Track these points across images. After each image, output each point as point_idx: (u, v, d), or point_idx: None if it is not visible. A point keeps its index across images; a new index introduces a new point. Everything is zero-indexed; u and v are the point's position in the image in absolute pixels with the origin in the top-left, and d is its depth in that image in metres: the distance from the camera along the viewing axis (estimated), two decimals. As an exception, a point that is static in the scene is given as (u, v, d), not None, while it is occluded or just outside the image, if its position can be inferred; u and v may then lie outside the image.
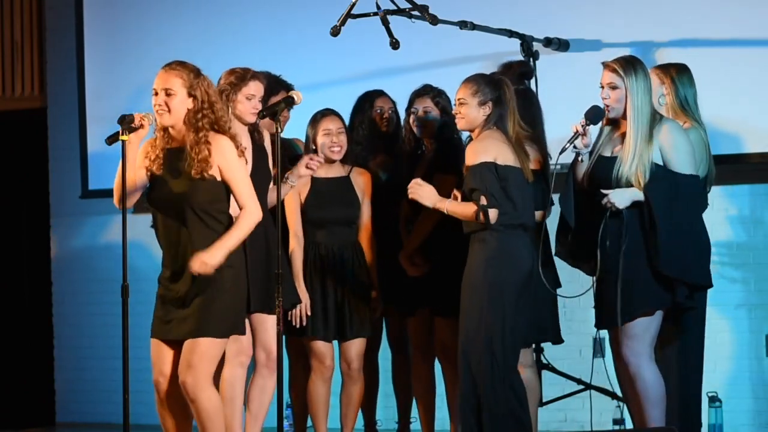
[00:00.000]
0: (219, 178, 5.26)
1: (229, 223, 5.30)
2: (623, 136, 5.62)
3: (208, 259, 5.14)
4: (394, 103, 6.62)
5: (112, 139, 5.27)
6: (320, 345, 6.19)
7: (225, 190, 5.30)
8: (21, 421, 8.62)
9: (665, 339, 5.74)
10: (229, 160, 5.26)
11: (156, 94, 5.28)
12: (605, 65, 5.65)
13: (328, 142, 6.20)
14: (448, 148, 6.18)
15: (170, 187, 5.25)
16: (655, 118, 5.59)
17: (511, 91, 5.70)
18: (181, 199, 5.23)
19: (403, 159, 6.38)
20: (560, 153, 5.68)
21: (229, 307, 5.25)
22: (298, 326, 6.12)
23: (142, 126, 5.25)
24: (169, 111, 5.24)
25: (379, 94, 6.63)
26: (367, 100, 6.59)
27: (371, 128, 6.54)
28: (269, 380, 5.73)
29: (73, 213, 8.73)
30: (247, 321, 5.57)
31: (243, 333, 5.41)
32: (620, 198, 5.54)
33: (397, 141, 6.52)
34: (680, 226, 5.54)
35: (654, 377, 5.58)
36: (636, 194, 5.52)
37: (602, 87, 5.65)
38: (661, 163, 5.54)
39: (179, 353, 5.26)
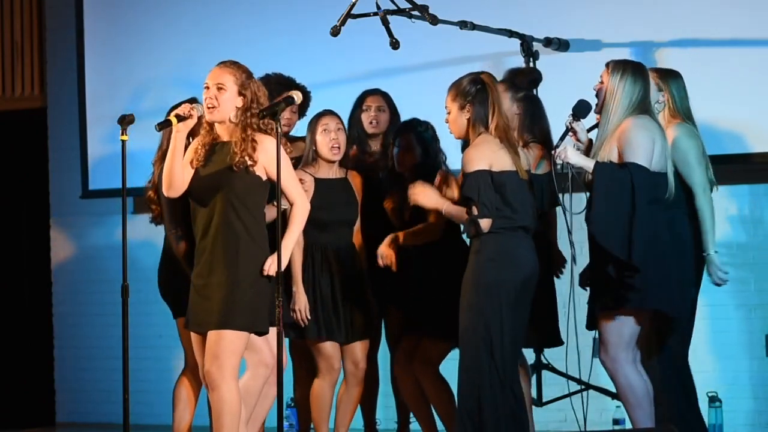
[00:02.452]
0: (264, 178, 5.35)
1: (262, 219, 5.35)
2: None
3: (271, 268, 5.28)
4: (387, 102, 6.58)
5: (163, 125, 5.32)
6: (329, 348, 6.17)
7: (265, 188, 5.38)
8: (21, 421, 8.61)
9: (651, 341, 5.75)
10: (273, 157, 5.28)
11: (207, 88, 5.36)
12: (606, 64, 5.70)
13: (327, 139, 6.18)
14: (429, 171, 6.16)
15: (209, 177, 5.33)
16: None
17: (492, 87, 5.63)
18: (218, 189, 5.30)
19: (389, 173, 6.35)
20: (553, 149, 5.68)
21: (251, 304, 5.28)
22: (303, 326, 6.11)
23: (191, 116, 5.33)
24: (218, 105, 5.32)
25: (371, 92, 6.61)
26: (359, 99, 6.60)
27: (359, 127, 6.54)
28: (272, 388, 5.71)
29: (73, 213, 8.73)
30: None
31: (264, 332, 5.41)
32: (573, 154, 5.53)
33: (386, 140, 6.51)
34: (613, 210, 5.52)
35: (632, 380, 5.58)
36: (588, 163, 5.50)
37: None
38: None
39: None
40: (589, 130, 5.84)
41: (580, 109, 5.77)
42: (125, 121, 5.26)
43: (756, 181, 7.15)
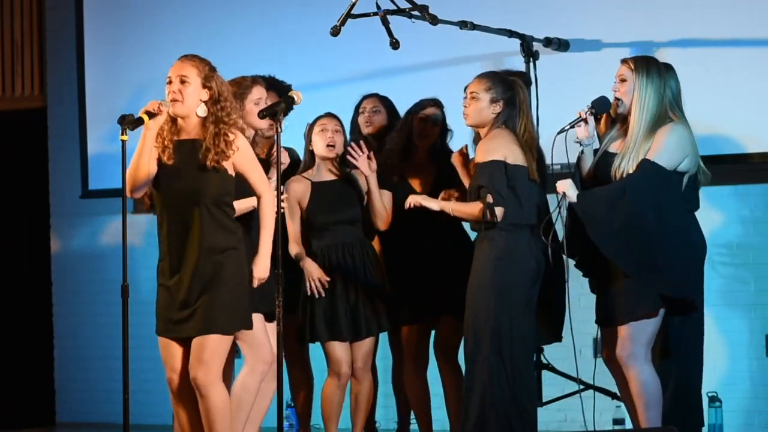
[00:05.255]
0: (231, 172, 5.27)
1: (233, 212, 5.29)
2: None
3: (262, 273, 5.32)
4: (384, 104, 6.58)
5: (135, 123, 5.22)
6: (337, 349, 6.15)
7: (233, 182, 5.30)
8: (21, 421, 8.61)
9: (664, 341, 5.75)
10: (243, 152, 5.26)
11: (170, 82, 5.28)
12: (622, 60, 5.68)
13: (323, 138, 6.19)
14: (449, 163, 6.18)
15: (182, 180, 5.23)
16: (663, 120, 5.58)
17: (524, 92, 5.73)
18: (193, 192, 5.21)
19: (393, 166, 6.35)
20: (558, 133, 5.68)
21: (234, 303, 5.23)
22: (319, 296, 6.10)
23: (160, 112, 5.22)
24: (182, 99, 5.23)
25: (368, 96, 6.62)
26: (357, 104, 6.60)
27: (358, 131, 6.55)
28: (271, 384, 5.72)
29: (73, 213, 8.73)
30: (266, 326, 5.59)
31: (250, 328, 5.38)
32: (571, 189, 5.55)
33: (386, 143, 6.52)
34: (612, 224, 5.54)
35: (649, 379, 5.58)
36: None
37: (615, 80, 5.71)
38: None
39: (188, 349, 5.27)
40: (572, 125, 5.78)
41: (600, 105, 5.74)
42: (125, 121, 5.26)
43: (756, 181, 7.15)
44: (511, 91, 5.69)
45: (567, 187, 5.58)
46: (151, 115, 5.20)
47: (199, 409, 5.28)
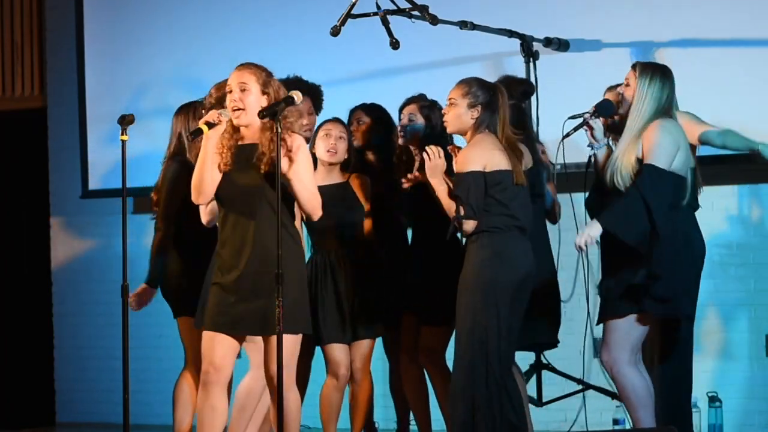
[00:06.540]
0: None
1: (293, 218, 5.34)
2: None
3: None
4: (372, 116, 6.55)
5: (195, 134, 5.24)
6: (336, 352, 6.16)
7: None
8: (21, 421, 8.62)
9: (653, 344, 5.75)
10: (299, 159, 5.25)
11: (230, 91, 5.29)
12: (632, 64, 5.69)
13: (326, 143, 6.20)
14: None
15: (242, 182, 5.25)
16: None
17: (504, 97, 5.66)
18: (255, 193, 5.23)
19: (399, 169, 6.34)
20: (562, 138, 5.68)
21: (297, 305, 5.26)
22: None
23: (219, 122, 5.24)
24: (245, 108, 5.25)
25: (358, 107, 6.59)
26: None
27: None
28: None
29: (73, 213, 8.73)
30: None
31: (310, 331, 5.43)
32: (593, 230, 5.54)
33: (382, 150, 6.50)
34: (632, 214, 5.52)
35: (634, 381, 5.59)
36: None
37: None
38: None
39: (234, 346, 5.27)
40: (575, 129, 5.79)
41: (604, 108, 5.74)
42: (125, 121, 5.26)
43: (756, 181, 7.16)
44: (489, 95, 5.64)
45: (587, 236, 5.53)
46: (211, 125, 5.22)
47: (224, 407, 5.28)
